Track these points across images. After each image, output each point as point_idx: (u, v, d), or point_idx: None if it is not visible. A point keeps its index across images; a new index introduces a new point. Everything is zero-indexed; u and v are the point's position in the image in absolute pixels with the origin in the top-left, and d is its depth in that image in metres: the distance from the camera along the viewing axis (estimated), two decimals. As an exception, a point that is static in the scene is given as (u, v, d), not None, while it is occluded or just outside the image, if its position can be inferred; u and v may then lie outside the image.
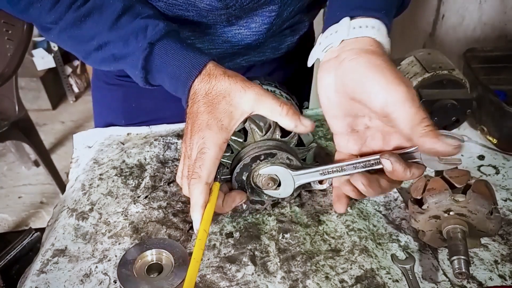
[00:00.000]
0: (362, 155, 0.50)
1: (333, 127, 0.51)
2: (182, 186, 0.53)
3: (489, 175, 0.66)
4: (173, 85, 0.55)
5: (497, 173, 0.66)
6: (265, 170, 0.53)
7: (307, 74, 0.98)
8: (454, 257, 0.47)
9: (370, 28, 0.47)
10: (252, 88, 0.51)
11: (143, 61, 0.54)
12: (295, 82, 0.90)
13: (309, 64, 0.53)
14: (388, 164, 0.45)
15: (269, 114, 0.51)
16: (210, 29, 0.67)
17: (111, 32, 0.55)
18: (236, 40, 0.69)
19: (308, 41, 0.92)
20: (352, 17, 0.48)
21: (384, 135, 0.48)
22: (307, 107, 0.92)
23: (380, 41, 0.47)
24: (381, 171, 0.48)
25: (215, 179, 0.51)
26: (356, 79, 0.45)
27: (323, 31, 0.51)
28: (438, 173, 0.56)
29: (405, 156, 0.47)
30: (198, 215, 0.49)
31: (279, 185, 0.54)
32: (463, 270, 0.46)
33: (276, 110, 0.51)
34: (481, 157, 0.69)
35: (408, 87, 0.43)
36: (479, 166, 0.67)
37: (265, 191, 0.55)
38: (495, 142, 0.71)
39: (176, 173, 0.65)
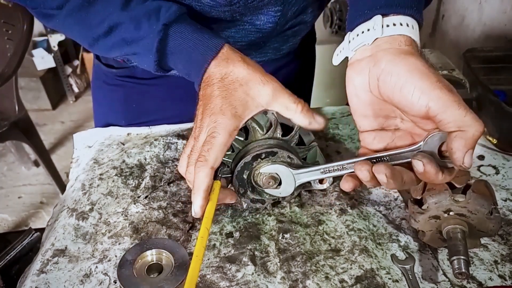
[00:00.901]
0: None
1: (360, 126, 0.50)
2: (180, 163, 0.53)
3: (489, 175, 0.66)
4: (186, 68, 0.54)
5: (497, 173, 0.66)
6: (266, 169, 0.53)
7: (308, 75, 0.98)
8: (454, 257, 0.47)
9: (405, 26, 0.46)
10: (270, 82, 0.51)
11: (158, 44, 0.53)
12: (296, 83, 0.90)
13: (336, 63, 0.51)
14: (420, 165, 0.44)
15: (284, 110, 0.52)
16: (214, 24, 0.66)
17: (122, 13, 0.54)
18: (240, 36, 0.69)
19: (310, 42, 0.92)
20: (384, 15, 0.47)
21: (413, 136, 0.48)
22: None
23: (414, 39, 0.46)
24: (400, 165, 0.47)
25: (216, 177, 0.51)
26: (396, 83, 0.44)
27: (350, 29, 0.50)
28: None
29: (405, 155, 0.47)
30: (199, 198, 0.48)
31: (280, 184, 0.54)
32: (463, 270, 0.46)
33: (292, 107, 0.51)
34: (481, 157, 0.69)
35: (451, 91, 0.42)
36: (479, 166, 0.67)
37: (266, 190, 0.55)
38: (495, 142, 0.71)
39: (176, 173, 0.66)
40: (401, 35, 0.46)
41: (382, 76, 0.45)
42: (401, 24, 0.46)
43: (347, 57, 0.50)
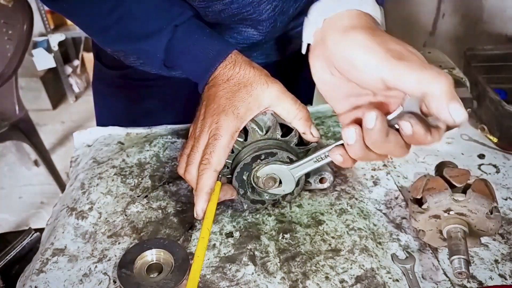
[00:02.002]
0: None
1: (336, 109, 0.49)
2: (179, 163, 0.53)
3: (490, 174, 0.65)
4: (192, 69, 0.55)
5: (498, 172, 0.66)
6: (262, 172, 0.53)
7: (310, 77, 0.98)
8: (454, 257, 0.47)
9: (351, 0, 0.44)
10: (275, 85, 0.51)
11: (167, 43, 0.53)
12: (298, 85, 0.89)
13: (303, 51, 0.51)
14: (408, 127, 0.40)
15: (284, 114, 0.52)
16: (214, 28, 0.67)
17: (133, 3, 0.54)
18: (242, 38, 0.69)
19: None
20: None
21: (390, 106, 0.46)
22: None
23: (362, 9, 0.44)
24: None
25: (217, 178, 0.51)
26: (347, 64, 0.43)
27: (306, 13, 0.49)
28: (438, 172, 0.56)
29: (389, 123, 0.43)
30: (202, 201, 0.49)
31: (280, 182, 0.54)
32: (463, 269, 0.46)
33: (292, 113, 0.51)
34: (482, 156, 0.69)
35: (400, 57, 0.39)
36: (480, 165, 0.67)
37: (269, 191, 0.55)
38: (496, 141, 0.71)
39: (176, 173, 0.65)
40: (345, 10, 0.44)
41: (334, 59, 0.44)
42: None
43: None
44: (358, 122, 0.43)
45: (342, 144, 0.46)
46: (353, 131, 0.42)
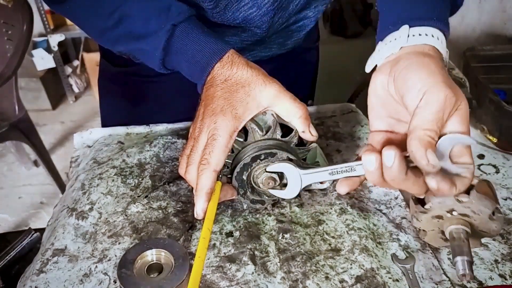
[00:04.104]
0: None
1: (372, 124, 0.51)
2: (180, 164, 0.53)
3: (489, 174, 0.65)
4: (190, 69, 0.55)
5: (497, 172, 0.66)
6: (273, 167, 0.53)
7: (313, 72, 0.98)
8: (458, 258, 0.46)
9: (430, 37, 0.48)
10: (273, 84, 0.52)
11: (164, 42, 0.54)
12: (300, 80, 0.90)
13: (368, 70, 0.53)
14: (433, 183, 0.43)
15: (283, 113, 0.52)
16: (219, 28, 0.67)
17: (133, 5, 0.55)
18: (246, 36, 0.69)
19: (314, 38, 0.92)
20: (411, 26, 0.48)
21: None
22: (311, 105, 0.92)
23: (438, 48, 0.48)
24: None
25: (217, 178, 0.51)
26: (405, 75, 0.45)
27: (380, 39, 0.52)
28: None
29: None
30: (202, 201, 0.49)
31: (284, 185, 0.54)
32: (467, 271, 0.45)
33: (291, 111, 0.52)
34: (481, 156, 0.69)
35: (449, 95, 0.42)
36: (479, 165, 0.67)
37: (271, 191, 0.55)
38: (495, 141, 0.71)
39: (176, 173, 0.65)
40: (425, 44, 0.47)
41: (397, 71, 0.46)
42: (426, 35, 0.48)
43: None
44: (387, 143, 0.46)
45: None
46: (374, 159, 0.44)
